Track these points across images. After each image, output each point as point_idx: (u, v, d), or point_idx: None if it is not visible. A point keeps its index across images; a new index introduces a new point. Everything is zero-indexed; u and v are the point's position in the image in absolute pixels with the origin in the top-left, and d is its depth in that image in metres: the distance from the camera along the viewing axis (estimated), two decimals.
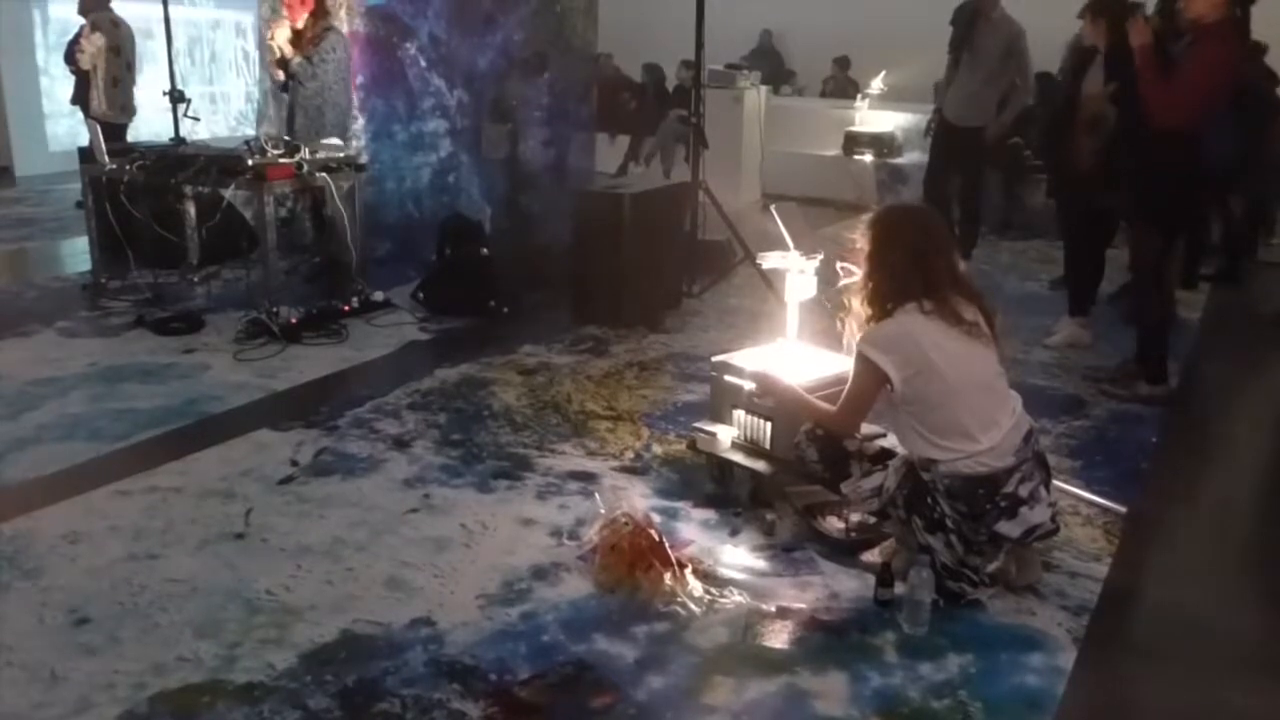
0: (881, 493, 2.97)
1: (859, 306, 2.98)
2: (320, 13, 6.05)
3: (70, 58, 8.40)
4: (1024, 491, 2.85)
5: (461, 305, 5.72)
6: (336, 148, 5.82)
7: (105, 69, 8.02)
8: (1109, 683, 2.69)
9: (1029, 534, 2.88)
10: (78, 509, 3.39)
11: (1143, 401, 4.58)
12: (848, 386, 2.98)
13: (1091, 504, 3.57)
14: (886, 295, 2.91)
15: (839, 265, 3.08)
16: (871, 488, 3.01)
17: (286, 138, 5.79)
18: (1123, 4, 4.85)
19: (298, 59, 5.98)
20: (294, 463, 3.79)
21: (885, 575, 2.91)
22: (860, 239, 3.00)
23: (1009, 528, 2.85)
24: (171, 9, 7.36)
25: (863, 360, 2.91)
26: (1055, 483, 3.12)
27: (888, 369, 2.85)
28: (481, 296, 5.73)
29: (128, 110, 8.25)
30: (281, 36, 6.01)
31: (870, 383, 2.91)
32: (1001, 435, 2.84)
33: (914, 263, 2.89)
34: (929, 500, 2.88)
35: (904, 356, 2.84)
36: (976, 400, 2.85)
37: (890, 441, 3.13)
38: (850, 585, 3.01)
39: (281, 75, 6.14)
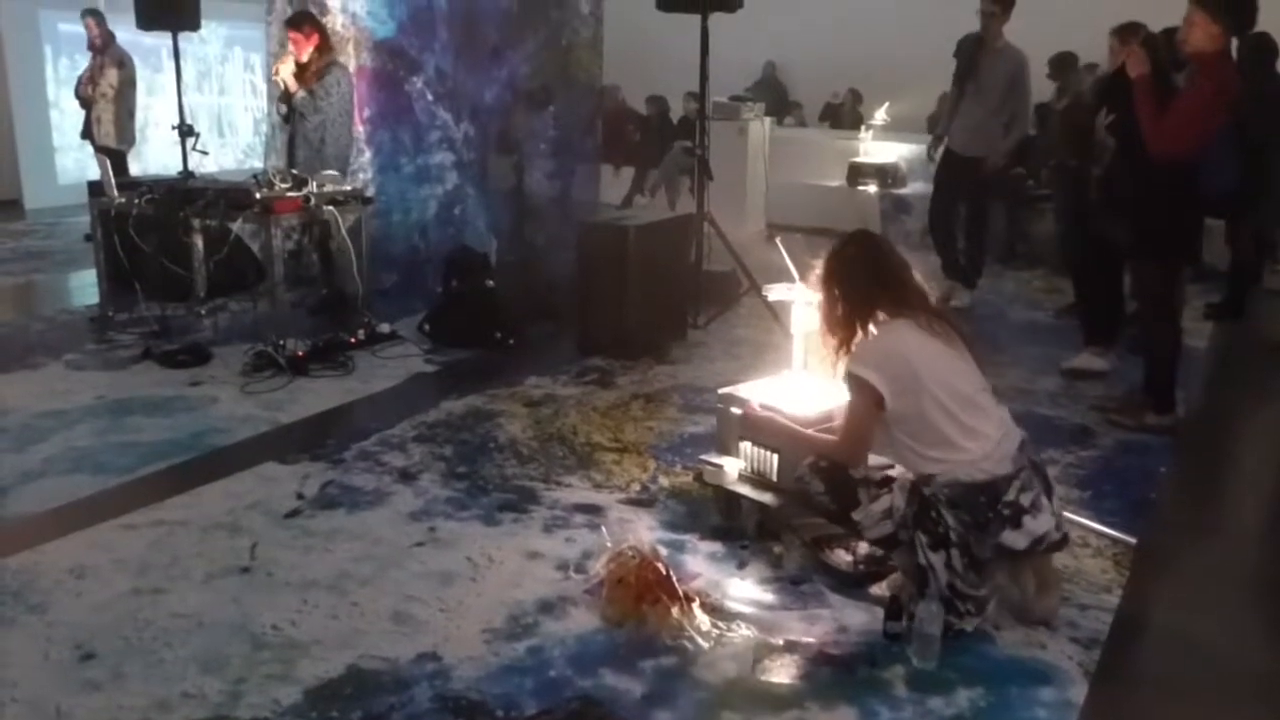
0: (893, 513, 2.94)
1: (826, 337, 3.04)
2: (325, 47, 6.12)
3: (81, 92, 8.52)
4: (1025, 500, 2.84)
5: (467, 337, 5.73)
6: (335, 178, 5.85)
7: (123, 102, 8.15)
8: (1121, 717, 2.66)
9: (1036, 544, 2.86)
10: (83, 543, 3.39)
11: (1150, 431, 4.56)
12: (845, 413, 2.98)
13: (1101, 535, 3.54)
14: (850, 313, 2.97)
15: None
16: (883, 510, 2.98)
17: (291, 170, 5.83)
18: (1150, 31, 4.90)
19: (301, 93, 6.03)
20: (300, 496, 3.79)
21: (894, 608, 2.89)
22: (816, 269, 3.10)
23: (1014, 538, 2.83)
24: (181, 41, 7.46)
25: (854, 380, 2.93)
26: (1065, 514, 3.10)
27: (879, 385, 2.86)
28: (487, 328, 5.74)
29: (134, 140, 8.43)
30: (286, 70, 6.07)
31: (866, 403, 2.92)
32: (993, 444, 2.84)
33: (871, 275, 2.97)
34: (933, 515, 2.86)
35: (893, 373, 2.86)
36: (961, 414, 2.85)
37: (897, 471, 3.11)
38: (859, 618, 2.99)
39: (284, 108, 6.20)
